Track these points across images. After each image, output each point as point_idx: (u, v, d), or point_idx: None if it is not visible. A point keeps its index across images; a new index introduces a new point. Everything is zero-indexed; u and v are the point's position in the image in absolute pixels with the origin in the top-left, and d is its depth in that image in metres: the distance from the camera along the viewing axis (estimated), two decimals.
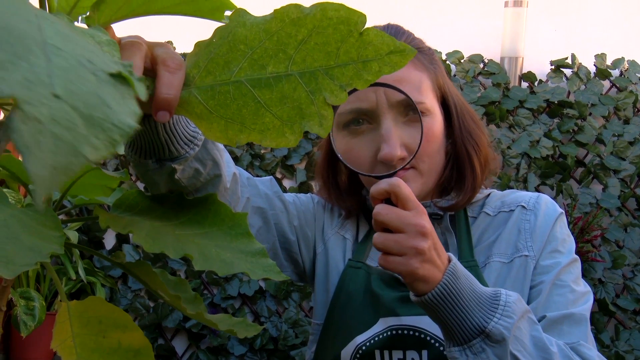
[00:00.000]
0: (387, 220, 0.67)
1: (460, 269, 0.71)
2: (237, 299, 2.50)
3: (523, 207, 0.90)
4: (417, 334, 0.81)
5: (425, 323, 0.82)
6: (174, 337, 2.50)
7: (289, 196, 0.98)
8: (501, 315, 0.69)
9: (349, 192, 0.96)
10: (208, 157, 0.71)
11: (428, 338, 0.81)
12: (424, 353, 0.81)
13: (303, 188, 2.59)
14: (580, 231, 2.35)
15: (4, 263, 0.31)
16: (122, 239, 2.53)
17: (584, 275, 2.39)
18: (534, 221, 0.88)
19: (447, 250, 0.87)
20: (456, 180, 0.90)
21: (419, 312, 0.81)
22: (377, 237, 0.68)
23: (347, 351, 0.84)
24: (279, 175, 2.62)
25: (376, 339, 0.83)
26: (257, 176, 2.77)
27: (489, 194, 0.96)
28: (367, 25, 0.46)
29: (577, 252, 2.54)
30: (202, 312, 0.49)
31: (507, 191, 0.97)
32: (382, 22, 0.93)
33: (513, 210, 0.91)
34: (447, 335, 0.72)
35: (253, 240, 0.48)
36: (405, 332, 0.82)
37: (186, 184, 0.69)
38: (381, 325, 0.83)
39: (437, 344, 0.81)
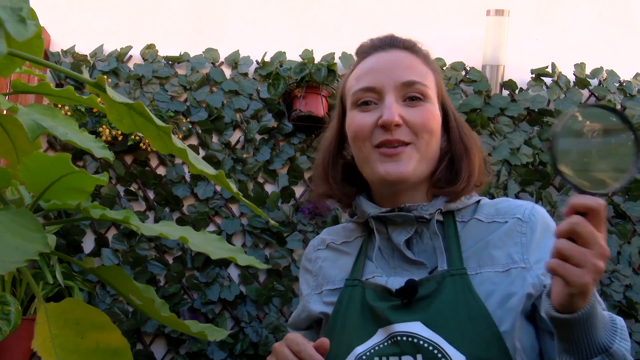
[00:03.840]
0: (582, 232, 0.69)
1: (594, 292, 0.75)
2: (218, 304, 2.49)
3: (519, 219, 0.92)
4: (410, 339, 0.83)
5: (418, 328, 0.84)
6: (152, 342, 2.47)
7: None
8: (620, 338, 0.75)
9: (345, 182, 1.02)
10: None
11: (422, 342, 0.83)
12: (419, 357, 0.82)
13: (285, 193, 2.59)
14: None
15: None
16: (101, 243, 2.50)
17: None
18: (530, 234, 0.90)
19: (434, 253, 0.91)
20: (450, 180, 0.95)
21: (410, 319, 0.85)
22: (565, 242, 0.70)
23: None
24: (261, 180, 2.61)
25: (376, 348, 0.85)
26: (239, 180, 2.74)
27: (479, 201, 0.98)
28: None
29: None
30: (173, 316, 0.49)
31: (499, 199, 0.98)
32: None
33: (507, 222, 0.92)
34: (568, 349, 0.75)
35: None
36: (399, 338, 0.84)
37: None
38: (381, 335, 0.86)
39: (430, 347, 0.82)
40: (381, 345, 0.85)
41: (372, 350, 0.85)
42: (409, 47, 0.98)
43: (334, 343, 0.88)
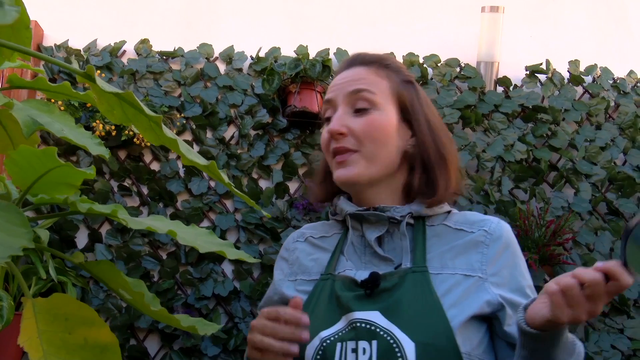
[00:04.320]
0: (596, 290, 0.77)
1: None
2: (212, 299, 2.49)
3: (485, 231, 1.01)
4: (367, 326, 0.92)
5: (375, 317, 0.92)
6: (146, 338, 2.47)
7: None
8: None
9: (326, 183, 1.13)
10: None
11: (377, 330, 0.91)
12: (374, 343, 0.90)
13: (279, 189, 2.59)
14: (552, 234, 2.38)
15: None
16: (94, 239, 2.50)
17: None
18: (492, 247, 1.00)
19: (400, 252, 1.00)
20: (425, 184, 1.04)
21: (370, 308, 0.93)
22: (577, 287, 0.78)
23: (312, 346, 0.94)
24: (255, 176, 2.61)
25: (339, 333, 0.94)
26: (233, 176, 2.73)
27: (449, 211, 1.07)
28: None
29: (549, 255, 2.55)
30: (164, 310, 0.49)
31: (468, 212, 1.08)
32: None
33: (473, 232, 1.02)
34: (527, 358, 0.86)
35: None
36: (358, 324, 0.92)
37: None
38: (344, 322, 0.94)
39: (385, 335, 0.90)
40: (343, 331, 0.93)
41: (335, 336, 0.93)
42: (366, 62, 1.08)
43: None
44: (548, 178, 2.66)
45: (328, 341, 0.93)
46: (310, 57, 2.58)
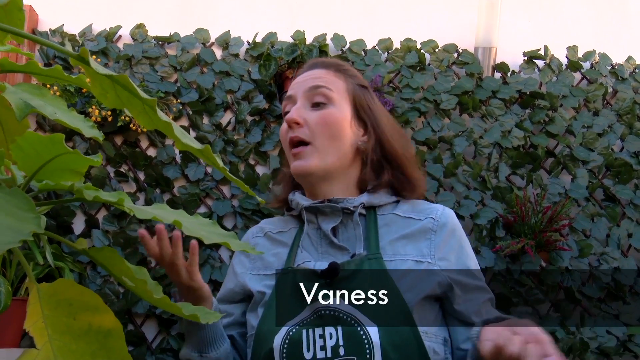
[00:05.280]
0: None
1: None
2: (209, 285, 2.48)
3: (433, 218, 1.10)
4: (332, 312, 0.99)
5: (340, 304, 0.99)
6: (144, 323, 2.47)
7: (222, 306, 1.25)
8: None
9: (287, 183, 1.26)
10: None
11: (342, 315, 0.98)
12: (339, 328, 0.97)
13: (276, 174, 2.58)
14: (549, 220, 2.39)
15: None
16: (91, 225, 2.49)
17: (551, 264, 2.44)
18: (439, 233, 1.08)
19: (354, 241, 1.07)
20: (377, 178, 1.13)
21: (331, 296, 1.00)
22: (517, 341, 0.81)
23: (279, 336, 1.00)
24: (252, 162, 2.60)
25: (304, 322, 1.00)
26: (230, 162, 2.71)
27: (397, 200, 1.15)
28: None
29: (545, 242, 2.54)
30: (166, 298, 0.49)
31: (415, 200, 1.17)
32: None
33: (422, 220, 1.10)
34: None
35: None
36: (324, 311, 1.00)
37: None
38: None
39: (350, 320, 0.97)
40: (308, 319, 1.00)
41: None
42: (325, 65, 1.20)
43: (269, 320, 1.05)
44: (545, 164, 2.66)
45: (294, 329, 1.00)
46: (307, 43, 2.56)
